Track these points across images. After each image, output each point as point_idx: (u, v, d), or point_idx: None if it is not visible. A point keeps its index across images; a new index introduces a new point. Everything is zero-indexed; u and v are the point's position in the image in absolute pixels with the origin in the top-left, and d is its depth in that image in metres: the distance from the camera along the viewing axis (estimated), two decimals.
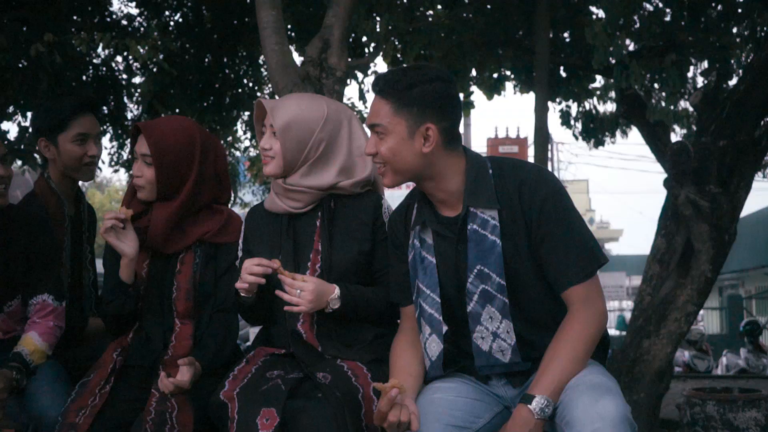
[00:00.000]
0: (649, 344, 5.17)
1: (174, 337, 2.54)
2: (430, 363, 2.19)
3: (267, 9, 4.50)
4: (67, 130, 2.90)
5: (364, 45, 7.70)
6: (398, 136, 2.09)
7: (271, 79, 4.59)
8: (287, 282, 2.24)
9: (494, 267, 2.08)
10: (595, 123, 8.62)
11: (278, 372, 2.28)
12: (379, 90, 2.13)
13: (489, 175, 2.14)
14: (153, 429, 2.22)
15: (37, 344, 2.56)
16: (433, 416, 2.03)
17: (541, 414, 1.96)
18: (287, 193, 2.44)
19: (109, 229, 2.49)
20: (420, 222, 2.20)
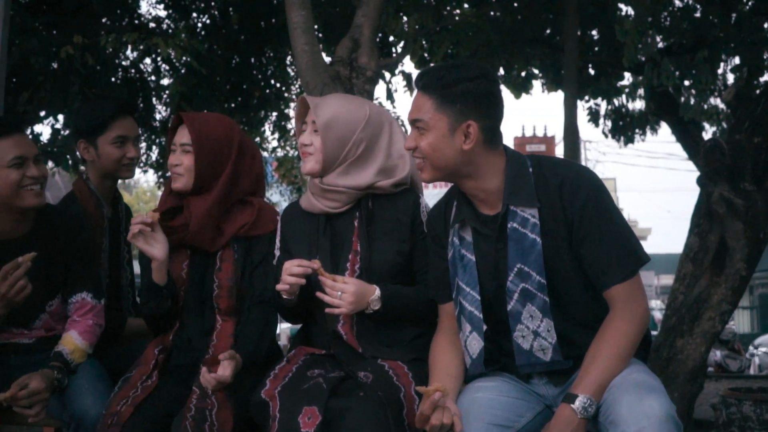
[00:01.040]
0: (683, 343, 5.12)
1: (216, 335, 2.53)
2: (471, 361, 2.18)
3: (297, 9, 4.51)
4: (106, 133, 2.94)
5: (391, 44, 7.70)
6: (439, 132, 2.09)
7: (301, 79, 4.60)
8: (328, 284, 2.23)
9: (534, 265, 2.08)
10: (625, 121, 8.56)
11: (319, 371, 2.28)
12: (423, 86, 2.13)
13: (529, 174, 2.13)
14: (193, 426, 2.23)
15: (77, 343, 2.59)
16: (474, 416, 2.02)
17: (584, 413, 1.95)
18: (324, 193, 2.44)
19: (137, 234, 2.46)
20: (459, 220, 2.20)
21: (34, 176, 2.52)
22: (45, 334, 2.69)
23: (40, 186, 2.55)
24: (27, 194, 2.52)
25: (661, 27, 6.43)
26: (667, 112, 7.03)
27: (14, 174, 2.49)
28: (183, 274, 2.59)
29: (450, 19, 7.35)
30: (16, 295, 2.40)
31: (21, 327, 2.66)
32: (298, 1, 4.50)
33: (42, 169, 2.57)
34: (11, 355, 2.64)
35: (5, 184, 2.49)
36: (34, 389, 2.38)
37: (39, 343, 2.67)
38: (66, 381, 2.50)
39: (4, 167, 2.48)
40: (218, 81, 7.91)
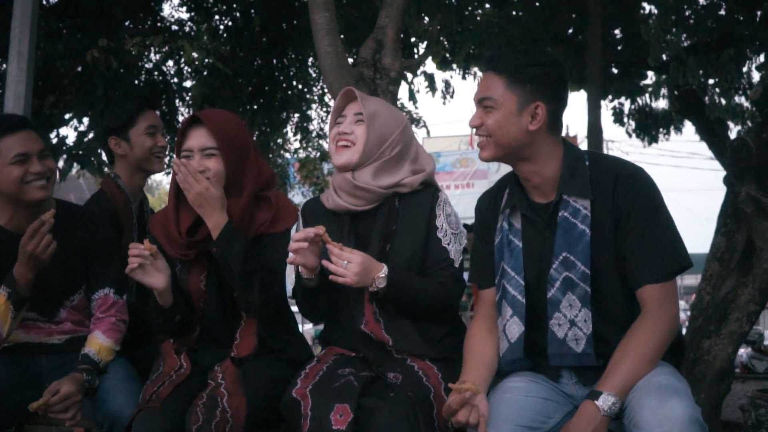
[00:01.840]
0: (710, 344, 5.06)
1: (239, 333, 2.51)
2: (509, 345, 2.19)
3: (320, 11, 4.52)
4: (137, 125, 3.14)
5: (412, 45, 7.69)
6: (507, 110, 2.12)
7: (325, 80, 4.60)
8: (335, 252, 2.21)
9: (580, 256, 2.10)
10: (648, 120, 8.50)
11: (349, 369, 2.28)
12: (494, 66, 2.16)
13: (585, 167, 2.17)
14: (204, 412, 2.22)
15: (102, 342, 2.61)
16: (503, 417, 2.02)
17: (607, 411, 1.94)
18: (355, 190, 2.42)
19: (134, 269, 2.36)
20: (510, 205, 2.24)
21: (37, 172, 2.56)
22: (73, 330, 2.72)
23: (45, 180, 2.58)
24: (30, 189, 2.56)
25: (686, 25, 6.37)
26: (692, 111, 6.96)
27: (17, 170, 2.53)
28: (202, 286, 2.52)
29: (472, 19, 7.34)
30: (43, 252, 2.44)
31: (45, 318, 2.69)
32: (321, 2, 4.51)
33: (47, 164, 2.60)
34: (42, 356, 2.68)
35: (8, 180, 2.54)
36: (66, 393, 2.41)
37: (69, 343, 2.71)
38: (96, 381, 2.52)
39: (7, 164, 2.53)
40: (240, 83, 7.95)
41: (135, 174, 3.18)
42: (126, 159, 3.15)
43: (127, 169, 3.16)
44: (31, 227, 2.43)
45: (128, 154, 3.14)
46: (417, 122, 8.94)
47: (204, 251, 2.47)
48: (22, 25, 4.25)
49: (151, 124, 3.16)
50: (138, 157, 3.14)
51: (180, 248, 2.48)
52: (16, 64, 4.23)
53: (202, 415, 2.20)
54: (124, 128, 3.13)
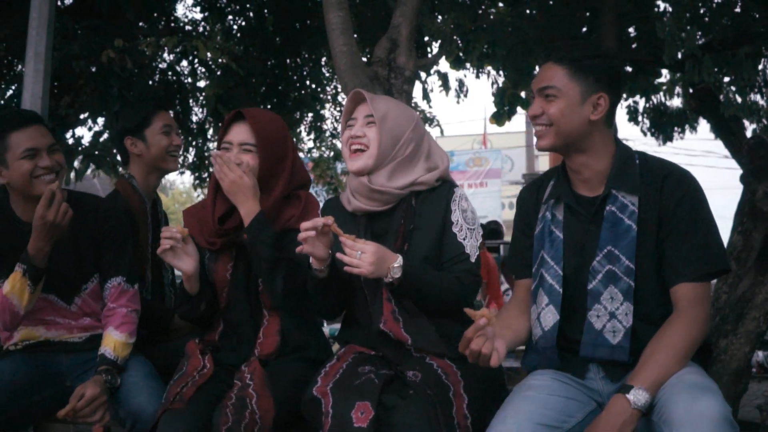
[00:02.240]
0: (726, 343, 5.03)
1: (262, 332, 2.55)
2: (542, 333, 2.22)
3: (334, 10, 4.53)
4: (152, 125, 3.19)
5: (426, 45, 7.68)
6: (570, 99, 2.16)
7: (339, 80, 4.61)
8: (348, 244, 2.22)
9: (626, 250, 2.13)
10: (663, 119, 8.45)
11: (369, 368, 2.29)
12: (556, 56, 2.20)
13: (636, 164, 2.21)
14: (233, 413, 2.24)
15: (116, 338, 2.64)
16: (524, 414, 2.02)
17: (638, 405, 1.94)
18: (371, 193, 2.43)
19: (166, 250, 2.45)
20: (555, 196, 2.27)
21: (46, 166, 2.61)
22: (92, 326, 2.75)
23: (54, 174, 2.63)
24: (40, 183, 2.61)
25: (701, 23, 6.33)
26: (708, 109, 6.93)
27: (26, 164, 2.59)
28: (227, 276, 2.59)
29: (485, 18, 7.32)
30: (63, 219, 2.50)
31: (65, 303, 2.72)
32: (336, 1, 4.51)
33: (56, 158, 2.65)
34: (62, 354, 2.70)
35: (18, 174, 2.59)
36: (91, 396, 2.46)
37: (89, 341, 2.74)
38: (117, 380, 2.55)
39: (17, 159, 2.59)
40: (254, 83, 7.96)
41: (150, 174, 3.22)
42: (142, 158, 3.19)
43: (143, 169, 3.20)
44: (44, 198, 2.48)
45: (144, 154, 3.18)
46: (430, 121, 8.93)
47: (232, 242, 2.55)
48: (39, 26, 4.28)
49: (166, 123, 3.22)
50: (154, 156, 3.18)
51: (210, 235, 2.57)
52: (32, 65, 4.25)
53: (232, 416, 2.22)
54: (139, 128, 3.18)
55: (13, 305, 2.55)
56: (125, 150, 3.20)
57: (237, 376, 2.42)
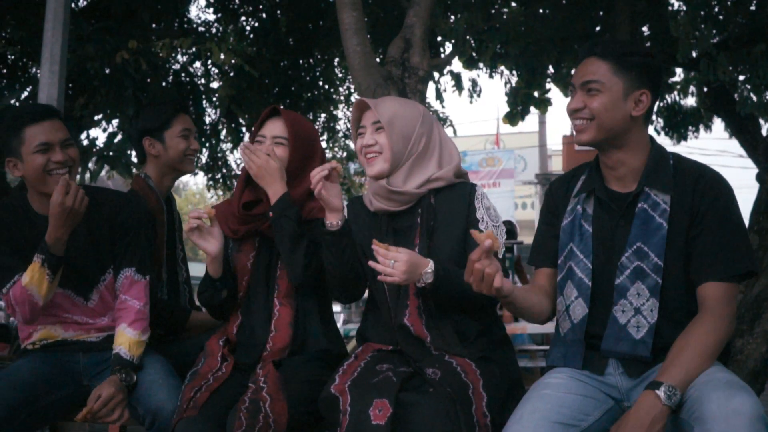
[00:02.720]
0: (743, 343, 5.01)
1: (274, 325, 2.58)
2: (571, 326, 2.23)
3: (348, 11, 4.54)
4: (172, 127, 3.21)
5: (438, 45, 7.68)
6: (614, 94, 2.18)
7: (353, 80, 4.62)
8: (381, 252, 2.24)
9: (655, 247, 2.14)
10: (677, 118, 8.41)
11: (387, 365, 2.29)
12: (599, 51, 2.22)
13: (670, 164, 2.22)
14: (247, 416, 2.25)
15: (130, 336, 2.64)
16: (541, 413, 2.02)
17: (668, 401, 1.94)
18: (391, 195, 2.46)
19: (193, 229, 2.54)
20: (587, 190, 2.29)
21: (59, 161, 2.62)
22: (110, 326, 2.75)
23: (68, 169, 2.64)
24: (52, 178, 2.62)
25: (716, 21, 6.29)
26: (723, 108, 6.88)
27: (40, 159, 2.60)
28: (249, 264, 2.66)
29: (498, 17, 7.30)
30: (80, 205, 2.53)
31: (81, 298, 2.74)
32: (349, 2, 4.52)
33: (69, 153, 2.66)
34: (79, 354, 2.71)
35: (32, 168, 2.61)
36: (107, 397, 2.48)
37: (106, 340, 2.74)
38: (133, 378, 2.56)
39: (31, 153, 2.61)
40: (267, 83, 7.97)
41: (166, 175, 3.24)
42: (159, 159, 3.20)
43: (159, 169, 3.21)
44: (60, 185, 2.51)
45: (162, 155, 3.20)
46: (444, 121, 8.92)
47: (255, 232, 2.65)
48: (54, 28, 4.29)
49: (186, 127, 3.24)
50: (172, 158, 3.20)
51: (234, 222, 2.65)
52: (48, 66, 4.27)
53: (246, 420, 2.23)
54: (159, 130, 3.20)
55: (33, 296, 2.57)
56: (143, 150, 3.22)
57: (251, 378, 2.43)
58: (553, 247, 2.35)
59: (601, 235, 2.24)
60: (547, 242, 2.38)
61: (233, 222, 2.66)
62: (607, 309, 2.18)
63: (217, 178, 9.26)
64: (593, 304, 2.21)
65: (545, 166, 22.23)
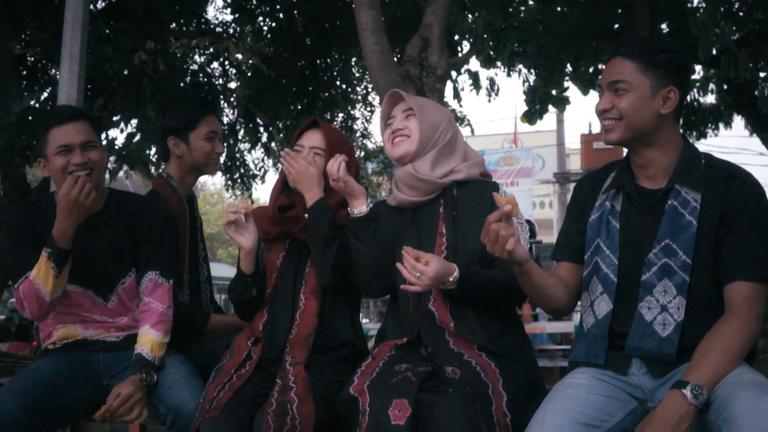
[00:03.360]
0: (765, 343, 4.97)
1: (299, 314, 2.62)
2: (595, 321, 2.21)
3: (366, 10, 4.53)
4: (198, 129, 3.18)
5: (456, 43, 7.66)
6: (642, 93, 2.17)
7: (371, 79, 4.61)
8: (410, 262, 2.25)
9: (684, 245, 2.12)
10: (697, 115, 8.36)
11: (406, 365, 2.29)
12: (625, 51, 2.21)
13: (701, 163, 2.21)
14: (274, 419, 2.26)
15: (153, 337, 2.66)
16: (563, 413, 2.00)
17: (694, 400, 1.91)
18: (416, 182, 2.50)
19: (230, 223, 2.61)
20: (617, 186, 2.28)
21: (78, 163, 2.64)
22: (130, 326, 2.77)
23: (88, 171, 2.65)
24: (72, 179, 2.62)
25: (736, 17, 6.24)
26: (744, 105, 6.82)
27: (60, 160, 2.63)
28: (278, 263, 2.72)
29: (516, 15, 7.28)
30: (86, 198, 2.53)
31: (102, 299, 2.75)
32: (366, 1, 4.52)
33: (89, 155, 2.66)
34: (99, 353, 2.72)
35: (53, 170, 2.66)
36: (126, 395, 2.49)
37: (126, 340, 2.75)
38: (153, 377, 2.57)
39: (53, 154, 2.64)
40: (284, 83, 7.99)
41: (187, 175, 3.21)
42: (182, 160, 3.18)
43: (181, 169, 3.19)
44: (70, 178, 2.53)
45: (185, 156, 3.17)
46: (461, 121, 8.91)
47: (286, 234, 2.72)
48: (74, 29, 4.31)
49: (212, 129, 3.20)
50: (195, 159, 3.18)
51: (267, 224, 2.73)
52: (67, 67, 4.28)
53: (273, 423, 2.25)
54: (184, 130, 3.17)
55: (39, 290, 2.58)
56: (167, 147, 3.20)
57: (280, 374, 2.45)
58: (577, 242, 2.34)
59: (629, 231, 2.23)
60: (572, 238, 2.37)
61: (266, 224, 2.74)
62: (633, 306, 2.16)
63: (235, 178, 9.29)
64: (618, 300, 2.19)
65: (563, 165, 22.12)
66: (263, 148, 9.33)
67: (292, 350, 2.53)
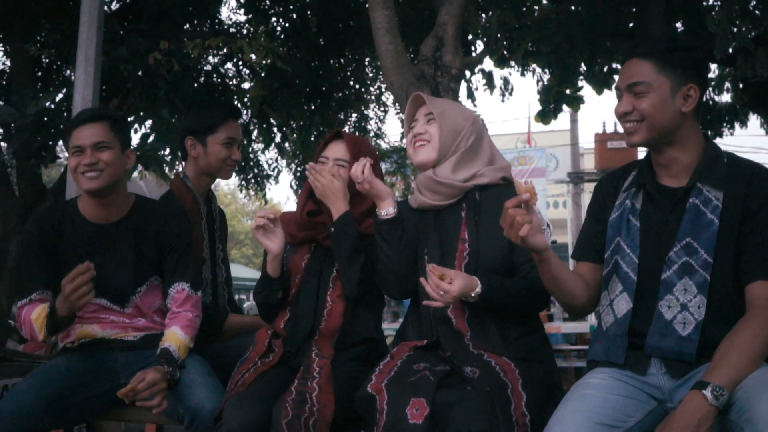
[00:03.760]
0: None
1: (326, 313, 2.65)
2: (614, 320, 2.20)
3: (380, 9, 4.53)
4: (217, 133, 3.16)
5: (470, 43, 7.65)
6: (662, 93, 2.16)
7: (385, 79, 4.61)
8: (434, 280, 2.26)
9: (705, 244, 2.11)
10: (712, 114, 8.30)
11: (424, 364, 2.29)
12: (641, 52, 2.20)
13: (723, 162, 2.20)
14: (293, 407, 2.30)
15: (180, 338, 2.68)
16: (582, 414, 1.99)
17: (715, 401, 1.89)
18: (437, 186, 2.50)
19: (258, 227, 2.64)
20: (637, 185, 2.27)
21: (87, 163, 2.67)
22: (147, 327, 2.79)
23: (98, 172, 2.68)
24: (82, 179, 2.69)
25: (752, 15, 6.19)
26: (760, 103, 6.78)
27: (73, 161, 2.70)
28: (303, 264, 2.76)
29: (530, 15, 7.26)
30: (78, 300, 2.43)
31: (117, 307, 2.76)
32: (381, 0, 4.51)
33: (99, 156, 2.68)
34: (117, 352, 2.73)
35: (70, 170, 2.73)
36: (152, 380, 2.49)
37: (143, 340, 2.77)
38: (177, 374, 2.59)
39: (70, 156, 2.71)
40: (298, 84, 7.99)
41: (202, 176, 3.20)
42: (197, 161, 3.17)
43: (196, 171, 3.18)
44: (76, 269, 2.42)
45: (200, 158, 3.16)
46: None
47: (312, 239, 2.77)
48: (89, 30, 4.33)
49: (231, 136, 3.17)
50: (210, 163, 3.16)
51: (294, 228, 2.78)
52: (83, 68, 4.31)
53: (292, 410, 2.29)
54: (203, 132, 3.14)
55: (34, 330, 2.62)
56: (185, 147, 3.20)
57: (304, 363, 2.50)
58: (597, 242, 2.33)
59: (649, 229, 2.22)
60: (592, 237, 2.36)
61: (293, 228, 2.78)
62: (652, 304, 2.15)
63: (248, 178, 9.30)
64: (638, 299, 2.18)
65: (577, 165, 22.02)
66: (277, 149, 9.34)
67: (318, 345, 2.57)
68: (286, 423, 2.26)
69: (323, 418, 2.30)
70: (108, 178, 2.70)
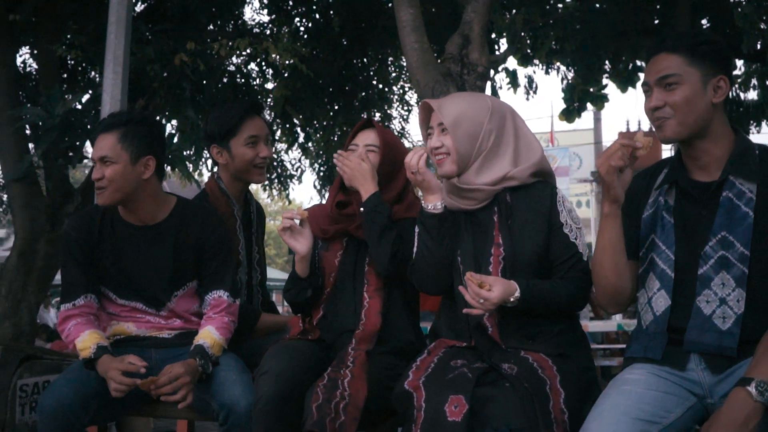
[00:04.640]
0: None
1: (364, 313, 2.66)
2: (653, 318, 2.18)
3: (405, 8, 4.53)
4: (238, 135, 3.02)
5: (494, 41, 7.64)
6: (693, 85, 2.15)
7: (411, 77, 4.61)
8: (473, 289, 2.23)
9: (741, 237, 2.09)
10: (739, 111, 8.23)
11: (462, 361, 2.27)
12: (669, 46, 2.19)
13: (755, 154, 2.18)
14: (324, 392, 2.31)
15: (215, 338, 2.67)
16: (621, 409, 1.97)
17: (760, 397, 1.87)
18: (462, 192, 2.44)
19: (285, 229, 2.65)
20: (670, 181, 2.26)
21: (95, 178, 2.68)
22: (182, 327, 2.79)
23: (101, 189, 2.67)
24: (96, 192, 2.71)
25: None
26: None
27: (93, 171, 2.73)
28: (336, 261, 2.76)
29: (554, 13, 7.23)
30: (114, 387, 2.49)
31: (152, 310, 2.77)
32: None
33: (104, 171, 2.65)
34: (152, 349, 2.74)
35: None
36: (174, 374, 2.48)
37: (178, 337, 2.77)
38: (210, 368, 2.58)
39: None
40: (321, 83, 8.01)
41: (235, 182, 3.09)
42: (227, 167, 3.05)
43: (229, 175, 3.07)
44: (144, 384, 2.49)
45: (229, 164, 3.04)
46: None
47: (343, 232, 2.77)
48: (117, 31, 4.38)
49: (253, 134, 3.02)
50: (238, 168, 3.03)
51: (325, 222, 2.79)
52: (111, 68, 4.35)
53: (322, 394, 2.32)
54: (225, 137, 3.01)
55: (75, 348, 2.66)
56: (212, 157, 3.12)
57: (340, 354, 2.52)
58: (633, 239, 2.30)
59: (683, 225, 2.20)
60: (627, 234, 2.31)
61: (324, 222, 2.80)
62: (690, 300, 2.13)
63: (272, 178, 9.34)
64: (676, 295, 2.16)
65: None
66: (300, 149, 9.38)
67: (357, 345, 2.56)
68: (316, 407, 2.27)
69: (354, 402, 2.31)
70: (112, 193, 2.66)
